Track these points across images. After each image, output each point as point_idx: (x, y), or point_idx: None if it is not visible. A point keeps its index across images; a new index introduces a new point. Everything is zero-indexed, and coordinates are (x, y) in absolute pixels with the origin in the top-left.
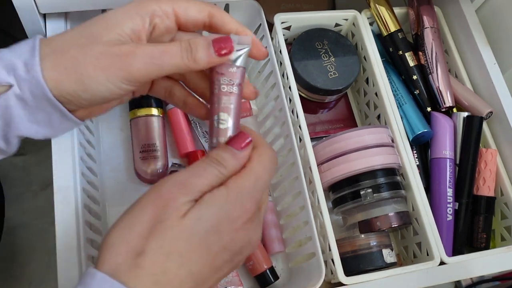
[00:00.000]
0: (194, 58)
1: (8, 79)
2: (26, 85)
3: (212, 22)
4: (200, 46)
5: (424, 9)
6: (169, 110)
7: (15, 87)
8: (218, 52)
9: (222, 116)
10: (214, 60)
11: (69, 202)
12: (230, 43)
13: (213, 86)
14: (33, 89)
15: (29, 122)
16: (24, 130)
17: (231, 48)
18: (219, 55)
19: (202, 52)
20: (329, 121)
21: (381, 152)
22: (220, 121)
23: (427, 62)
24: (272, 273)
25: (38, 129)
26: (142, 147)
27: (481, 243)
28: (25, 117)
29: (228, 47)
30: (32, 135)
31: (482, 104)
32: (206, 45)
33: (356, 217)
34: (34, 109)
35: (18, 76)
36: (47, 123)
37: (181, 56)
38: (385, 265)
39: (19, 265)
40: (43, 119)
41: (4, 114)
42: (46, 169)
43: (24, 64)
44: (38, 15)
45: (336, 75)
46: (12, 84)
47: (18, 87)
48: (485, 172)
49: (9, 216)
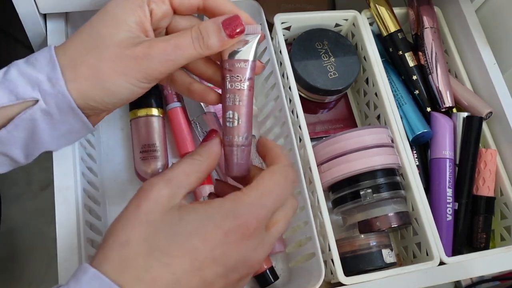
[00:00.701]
0: (206, 45)
1: (33, 94)
2: (52, 99)
3: (206, 4)
4: (211, 31)
5: (424, 9)
6: (169, 110)
7: (41, 101)
8: (230, 35)
9: (230, 115)
10: (227, 43)
11: (69, 202)
12: (240, 21)
13: (222, 83)
14: (58, 103)
15: (51, 137)
16: (46, 144)
17: (242, 28)
18: (231, 37)
19: (214, 38)
20: (329, 121)
21: (381, 152)
22: (228, 119)
23: (427, 62)
24: (272, 273)
25: (58, 143)
26: (142, 147)
27: (480, 243)
28: (49, 131)
29: (238, 26)
30: (52, 149)
31: (482, 104)
32: (217, 29)
33: (356, 217)
34: (58, 122)
35: (43, 91)
36: (67, 135)
37: (193, 46)
38: (385, 265)
39: (19, 265)
40: (65, 131)
41: (29, 126)
42: (46, 169)
43: (48, 79)
44: (38, 15)
45: (336, 75)
46: (38, 99)
47: (44, 101)
48: (484, 172)
49: (9, 216)
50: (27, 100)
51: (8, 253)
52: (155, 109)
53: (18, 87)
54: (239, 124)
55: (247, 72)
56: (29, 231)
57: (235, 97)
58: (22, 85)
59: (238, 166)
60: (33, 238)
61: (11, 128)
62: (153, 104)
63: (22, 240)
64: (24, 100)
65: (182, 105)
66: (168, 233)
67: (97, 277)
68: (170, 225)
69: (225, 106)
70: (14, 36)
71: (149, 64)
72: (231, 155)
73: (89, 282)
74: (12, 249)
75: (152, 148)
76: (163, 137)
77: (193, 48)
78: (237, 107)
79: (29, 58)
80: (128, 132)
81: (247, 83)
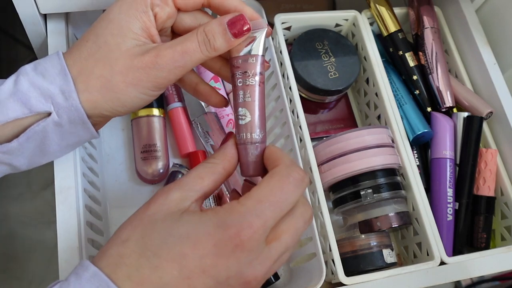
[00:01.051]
0: (213, 47)
1: (46, 107)
2: (64, 112)
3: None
4: (217, 33)
5: (424, 9)
6: (170, 111)
7: (54, 114)
8: (236, 35)
9: (241, 112)
10: (233, 43)
11: (70, 203)
12: (245, 20)
13: (232, 80)
14: (70, 115)
15: (58, 146)
16: (52, 154)
17: (248, 26)
18: (237, 37)
19: (220, 40)
20: (329, 121)
21: (381, 152)
22: (239, 116)
23: (427, 62)
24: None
25: (63, 152)
26: (143, 147)
27: (481, 243)
28: (57, 141)
29: (244, 25)
30: (56, 158)
31: (482, 104)
32: (222, 31)
33: (357, 217)
34: (67, 133)
35: (56, 104)
36: (74, 145)
37: (200, 51)
38: (385, 265)
39: (19, 265)
40: (73, 142)
41: (40, 138)
42: (46, 169)
43: (61, 92)
44: (39, 16)
45: (336, 76)
46: (51, 112)
47: (56, 114)
48: (485, 172)
49: (9, 216)
50: (41, 112)
51: (8, 253)
52: (156, 109)
53: (31, 99)
54: (250, 121)
55: (256, 67)
56: (29, 231)
57: (245, 93)
58: (35, 97)
59: (253, 165)
60: (33, 238)
61: (23, 140)
62: (154, 104)
63: (22, 240)
64: (37, 113)
65: (183, 105)
66: (163, 234)
67: (97, 275)
68: (166, 226)
69: (236, 103)
70: (14, 36)
71: (158, 73)
72: (245, 153)
73: (90, 280)
74: (12, 249)
75: (153, 148)
76: (164, 137)
77: (200, 52)
78: (248, 103)
79: (38, 66)
80: (129, 132)
81: (257, 78)
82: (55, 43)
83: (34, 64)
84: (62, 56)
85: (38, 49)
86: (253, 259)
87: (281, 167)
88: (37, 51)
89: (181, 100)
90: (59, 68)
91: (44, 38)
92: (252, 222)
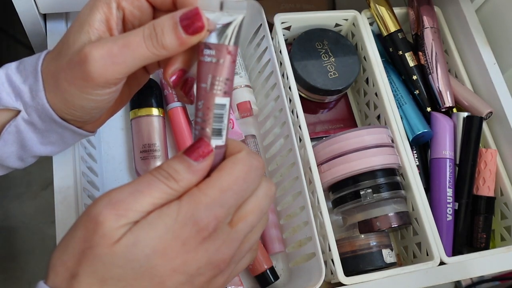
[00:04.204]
0: (162, 44)
1: (15, 104)
2: (33, 111)
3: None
4: (166, 28)
5: (424, 9)
6: (169, 110)
7: (23, 112)
8: (189, 31)
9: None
10: (187, 41)
11: (69, 202)
12: (199, 16)
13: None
14: (40, 114)
15: (42, 145)
16: (39, 151)
17: (201, 23)
18: (190, 34)
19: (169, 36)
20: (329, 121)
21: (381, 152)
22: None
23: (427, 62)
24: (272, 273)
25: (53, 149)
26: (142, 147)
27: (481, 243)
28: (37, 140)
29: (197, 21)
30: (48, 154)
31: (482, 104)
32: (172, 26)
33: (356, 217)
34: (46, 132)
35: (24, 102)
36: (60, 142)
37: (145, 46)
38: (385, 265)
39: (19, 265)
40: (56, 139)
41: (17, 139)
42: (46, 169)
43: (30, 90)
44: (38, 15)
45: (336, 75)
46: (20, 110)
47: (25, 112)
48: (485, 172)
49: (9, 216)
50: (10, 108)
51: (8, 253)
52: (156, 109)
53: (2, 93)
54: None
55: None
56: (29, 231)
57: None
58: (7, 92)
59: None
60: (33, 238)
61: (1, 145)
62: (154, 104)
63: (22, 240)
64: (5, 107)
65: (183, 105)
66: (122, 262)
67: None
68: (121, 255)
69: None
70: (14, 36)
71: (90, 69)
72: None
73: None
74: (12, 249)
75: (152, 148)
76: (163, 137)
77: (145, 47)
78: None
79: (21, 64)
80: (129, 131)
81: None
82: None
83: (20, 61)
84: (43, 56)
85: (38, 49)
86: (220, 245)
87: (243, 154)
88: (37, 51)
89: None
90: (33, 67)
91: (43, 38)
92: (217, 213)
